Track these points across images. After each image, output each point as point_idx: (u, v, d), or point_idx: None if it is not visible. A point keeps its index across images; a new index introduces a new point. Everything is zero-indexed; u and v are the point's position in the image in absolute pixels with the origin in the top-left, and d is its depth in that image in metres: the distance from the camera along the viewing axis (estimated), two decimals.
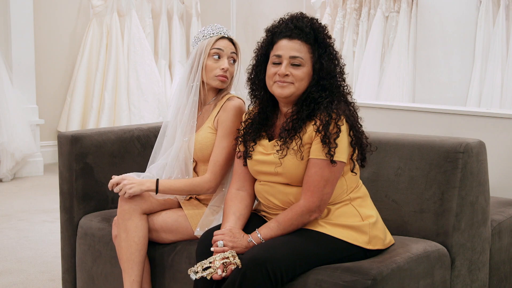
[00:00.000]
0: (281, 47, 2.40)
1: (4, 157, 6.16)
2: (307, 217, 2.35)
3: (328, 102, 2.35)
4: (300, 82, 2.38)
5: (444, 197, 2.56)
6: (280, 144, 2.39)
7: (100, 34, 7.02)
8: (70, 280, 3.15)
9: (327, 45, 2.41)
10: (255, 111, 2.53)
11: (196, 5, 7.58)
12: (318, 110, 2.35)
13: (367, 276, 2.20)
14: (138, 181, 2.68)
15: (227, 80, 2.78)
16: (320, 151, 2.32)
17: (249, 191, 2.54)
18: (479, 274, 2.63)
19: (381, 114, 4.11)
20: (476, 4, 6.19)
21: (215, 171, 2.69)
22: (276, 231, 2.36)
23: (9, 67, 6.39)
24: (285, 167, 2.38)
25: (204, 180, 2.70)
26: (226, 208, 2.50)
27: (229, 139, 2.69)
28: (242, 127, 2.55)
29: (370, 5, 7.13)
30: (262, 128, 2.48)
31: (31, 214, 5.06)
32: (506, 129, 3.51)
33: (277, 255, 2.24)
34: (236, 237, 2.35)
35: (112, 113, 6.94)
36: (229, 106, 2.72)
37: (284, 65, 2.38)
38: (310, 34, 2.39)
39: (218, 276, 2.24)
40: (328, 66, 2.38)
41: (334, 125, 2.31)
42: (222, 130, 2.71)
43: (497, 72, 6.12)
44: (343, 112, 2.35)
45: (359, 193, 2.46)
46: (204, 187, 2.71)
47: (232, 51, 2.80)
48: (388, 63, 6.82)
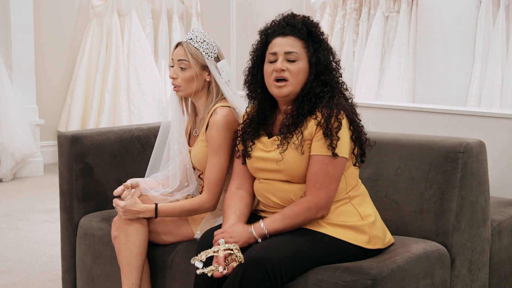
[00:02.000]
0: (275, 45, 2.43)
1: (4, 157, 6.16)
2: (314, 213, 2.34)
3: (330, 97, 2.37)
4: (296, 78, 2.40)
5: (444, 197, 2.56)
6: (281, 139, 2.39)
7: (100, 34, 7.02)
8: (70, 280, 3.15)
9: (321, 40, 2.43)
10: (253, 112, 2.53)
11: (196, 5, 7.58)
12: (320, 104, 2.36)
13: (367, 276, 2.20)
14: (136, 211, 2.64)
15: (179, 88, 2.71)
16: (322, 147, 2.33)
17: (249, 189, 2.53)
18: (479, 274, 2.63)
19: (381, 114, 4.10)
20: (476, 4, 6.18)
21: (211, 190, 2.66)
22: (281, 224, 2.35)
23: (9, 67, 6.38)
24: (286, 162, 2.38)
25: (203, 201, 2.66)
26: (226, 208, 2.50)
27: (218, 154, 2.64)
28: (240, 128, 2.55)
29: (370, 5, 7.13)
30: (260, 127, 2.48)
31: (31, 214, 5.06)
32: (506, 129, 3.51)
33: (277, 255, 2.24)
34: (236, 230, 2.34)
35: (112, 113, 6.94)
36: (213, 121, 2.65)
37: (280, 60, 2.40)
38: (302, 30, 2.42)
39: (219, 273, 2.24)
40: (325, 60, 2.41)
41: (335, 119, 2.32)
42: (211, 148, 2.66)
43: (497, 72, 6.11)
44: (343, 107, 2.37)
45: (358, 192, 2.46)
46: (203, 207, 2.67)
47: (179, 58, 2.70)
48: (388, 63, 6.81)
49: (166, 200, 2.74)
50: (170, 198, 2.75)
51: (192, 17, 7.59)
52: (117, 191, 2.66)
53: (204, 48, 2.70)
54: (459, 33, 6.13)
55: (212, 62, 2.71)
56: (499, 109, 5.36)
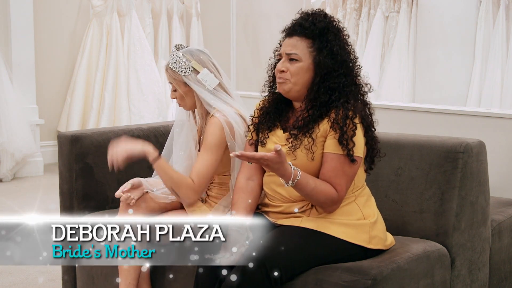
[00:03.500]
0: (283, 45, 2.47)
1: (4, 157, 6.16)
2: (330, 203, 2.34)
3: (344, 102, 2.35)
4: (295, 77, 2.41)
5: (444, 197, 2.56)
6: (291, 141, 2.39)
7: (100, 34, 7.02)
8: (70, 280, 3.15)
9: (329, 41, 2.40)
10: (269, 105, 2.53)
11: (196, 5, 7.58)
12: (334, 108, 2.35)
13: (367, 276, 2.20)
14: (141, 145, 2.65)
15: (181, 105, 2.79)
16: (338, 146, 2.33)
17: (258, 181, 2.53)
18: (479, 274, 2.63)
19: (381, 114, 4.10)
20: (476, 4, 6.18)
21: (197, 180, 2.65)
22: (308, 187, 2.30)
23: (9, 67, 6.38)
24: (297, 165, 2.38)
25: (188, 183, 2.65)
26: (235, 199, 2.49)
27: (211, 152, 2.66)
28: (255, 115, 2.56)
29: (370, 5, 7.13)
30: (277, 119, 2.50)
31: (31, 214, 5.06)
32: (506, 129, 3.51)
33: (276, 255, 2.24)
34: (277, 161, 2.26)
35: (112, 113, 6.94)
36: (209, 122, 2.71)
37: (281, 61, 2.44)
38: (310, 29, 2.41)
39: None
40: (331, 62, 2.38)
41: (350, 122, 2.33)
42: (205, 144, 2.69)
43: (497, 72, 6.12)
44: (360, 112, 2.37)
45: (363, 193, 2.47)
46: (186, 188, 2.65)
47: (168, 81, 2.80)
48: (388, 63, 6.82)
49: (167, 199, 2.75)
50: (171, 197, 2.76)
51: (192, 17, 7.59)
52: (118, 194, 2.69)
53: (177, 68, 2.75)
54: (459, 33, 6.13)
55: (191, 77, 2.73)
56: (499, 109, 5.36)
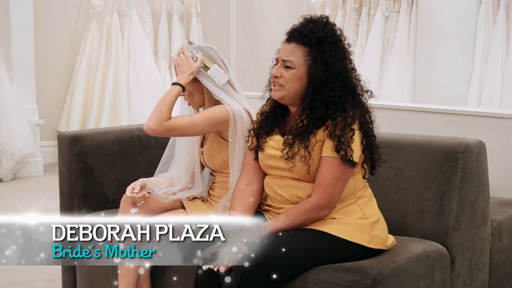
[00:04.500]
0: (281, 50, 2.46)
1: (4, 157, 6.16)
2: (316, 213, 2.36)
3: (342, 112, 2.34)
4: (289, 84, 2.40)
5: (444, 197, 2.56)
6: (286, 152, 2.39)
7: (100, 34, 7.02)
8: (70, 280, 3.15)
9: (324, 51, 2.38)
10: (267, 109, 2.54)
11: (196, 5, 7.58)
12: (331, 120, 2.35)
13: (367, 276, 2.20)
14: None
15: (190, 103, 2.82)
16: (333, 150, 2.33)
17: (258, 185, 2.54)
18: (479, 274, 2.63)
19: (381, 114, 4.10)
20: (476, 4, 6.19)
21: (170, 120, 2.69)
22: (283, 222, 2.36)
23: (9, 67, 6.38)
24: (294, 172, 2.39)
25: (162, 116, 2.73)
26: (234, 202, 2.50)
27: (201, 116, 2.65)
28: (256, 120, 2.56)
29: (370, 5, 7.13)
30: (274, 123, 2.50)
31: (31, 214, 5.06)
32: (506, 129, 3.52)
33: (276, 255, 2.24)
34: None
35: (112, 113, 6.94)
36: (218, 106, 2.72)
37: (277, 67, 2.44)
38: (308, 36, 2.39)
39: (225, 266, 2.24)
40: (324, 75, 2.36)
41: (348, 128, 2.32)
42: (203, 111, 2.70)
43: (497, 72, 6.12)
44: (359, 118, 2.36)
45: (365, 194, 2.47)
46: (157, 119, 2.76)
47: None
48: (388, 63, 6.82)
49: (168, 199, 2.75)
50: (172, 197, 2.76)
51: (192, 17, 7.59)
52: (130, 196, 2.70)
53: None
54: (459, 33, 6.13)
55: (202, 72, 2.72)
56: (499, 109, 5.36)
